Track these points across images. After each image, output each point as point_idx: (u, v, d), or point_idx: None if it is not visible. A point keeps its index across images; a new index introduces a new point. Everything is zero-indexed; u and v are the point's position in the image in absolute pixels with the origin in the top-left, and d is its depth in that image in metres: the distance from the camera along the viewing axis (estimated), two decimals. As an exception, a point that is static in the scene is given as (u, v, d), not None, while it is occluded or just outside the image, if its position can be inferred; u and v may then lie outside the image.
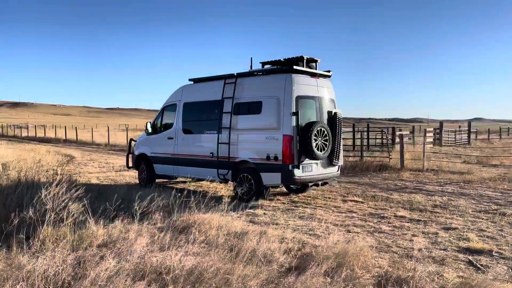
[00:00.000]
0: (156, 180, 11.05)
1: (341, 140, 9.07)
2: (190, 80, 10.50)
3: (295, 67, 8.45)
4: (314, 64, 9.12)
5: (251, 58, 9.62)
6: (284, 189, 10.01)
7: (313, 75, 8.86)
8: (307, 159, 8.32)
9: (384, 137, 21.09)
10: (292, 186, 9.40)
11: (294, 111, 8.16)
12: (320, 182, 8.89)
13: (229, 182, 9.49)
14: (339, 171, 9.45)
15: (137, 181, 11.59)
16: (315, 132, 8.18)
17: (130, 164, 11.80)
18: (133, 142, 12.07)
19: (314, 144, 8.15)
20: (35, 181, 9.24)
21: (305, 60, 8.76)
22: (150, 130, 11.05)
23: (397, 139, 18.12)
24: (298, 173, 8.21)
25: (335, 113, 8.98)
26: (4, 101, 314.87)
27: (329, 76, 9.34)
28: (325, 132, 8.47)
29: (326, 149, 8.50)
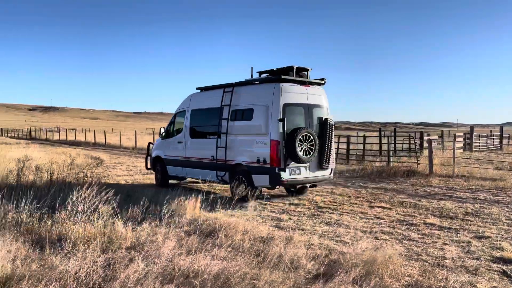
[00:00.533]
0: (170, 181, 11.85)
1: (332, 145, 9.54)
2: (197, 88, 11.35)
3: (283, 76, 8.99)
4: (305, 72, 9.55)
5: (251, 67, 10.05)
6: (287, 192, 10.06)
7: (303, 83, 9.34)
8: (293, 162, 8.77)
9: (412, 142, 20.65)
10: (291, 188, 9.95)
11: (281, 117, 8.66)
12: (309, 185, 9.62)
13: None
14: (332, 174, 9.80)
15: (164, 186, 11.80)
16: (300, 137, 8.65)
17: (149, 166, 12.59)
18: (151, 145, 12.91)
19: (298, 149, 8.63)
20: (67, 183, 9.54)
21: (295, 70, 9.26)
22: (164, 134, 12.05)
23: (425, 144, 17.70)
24: (285, 175, 8.71)
25: (326, 119, 9.37)
26: (37, 106, 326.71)
27: (322, 84, 9.76)
28: (311, 137, 8.87)
29: (312, 153, 8.89)
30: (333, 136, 9.51)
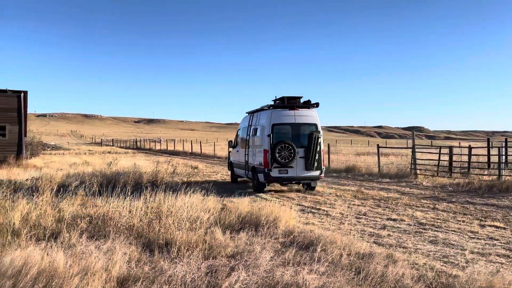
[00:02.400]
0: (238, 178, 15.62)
1: (317, 153, 12.12)
2: (246, 112, 15.27)
3: (274, 105, 12.71)
4: (297, 100, 12.58)
5: (275, 96, 13.16)
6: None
7: (292, 108, 12.40)
8: (276, 164, 11.94)
9: (527, 154, 18.34)
10: (304, 185, 12.91)
11: (269, 133, 12.05)
12: (301, 182, 12.60)
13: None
14: (322, 174, 12.49)
15: (261, 197, 12.17)
16: (279, 147, 11.87)
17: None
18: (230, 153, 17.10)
19: (277, 156, 11.88)
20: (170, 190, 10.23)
21: (286, 99, 12.51)
22: (231, 145, 16.39)
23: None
24: (273, 174, 12.04)
25: (312, 133, 12.15)
26: (142, 118, 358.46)
27: (314, 106, 12.62)
28: (290, 147, 11.91)
29: (291, 158, 11.93)
30: (319, 147, 12.16)
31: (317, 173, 12.23)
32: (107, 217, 6.72)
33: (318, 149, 12.10)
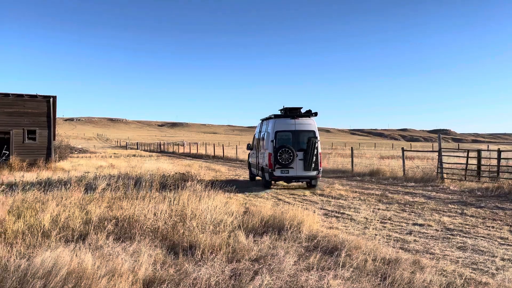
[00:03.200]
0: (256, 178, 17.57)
1: (314, 156, 13.85)
2: (260, 119, 17.12)
3: (276, 115, 14.53)
4: (297, 110, 14.63)
5: (283, 106, 15.02)
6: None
7: (293, 117, 14.28)
8: (278, 166, 13.84)
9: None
10: (308, 183, 14.56)
11: (272, 139, 13.98)
12: (300, 180, 14.28)
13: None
14: (319, 174, 14.19)
15: (280, 200, 12.12)
16: (280, 151, 13.75)
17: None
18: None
19: (279, 158, 13.76)
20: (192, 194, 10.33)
21: (288, 109, 14.65)
22: (249, 147, 18.17)
23: None
24: (276, 173, 13.94)
25: (310, 138, 13.95)
26: (165, 122, 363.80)
27: (313, 116, 14.42)
28: (289, 150, 13.76)
29: (290, 160, 13.75)
30: (316, 151, 13.88)
31: (314, 173, 14.02)
32: (133, 219, 6.84)
33: (315, 153, 13.88)
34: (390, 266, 5.14)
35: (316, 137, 14.00)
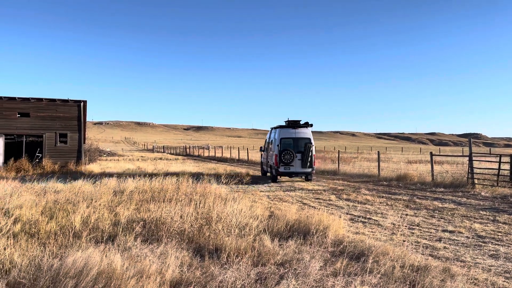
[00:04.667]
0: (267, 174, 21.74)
1: (309, 157, 18.02)
2: (270, 128, 20.97)
3: (281, 126, 18.78)
4: (297, 122, 18.77)
5: (288, 118, 19.51)
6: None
7: (293, 127, 18.57)
8: (282, 164, 17.95)
9: None
10: (306, 178, 18.86)
11: (278, 144, 18.19)
12: (299, 175, 18.42)
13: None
14: (313, 170, 18.43)
15: (305, 204, 12.05)
16: (284, 152, 17.87)
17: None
18: None
19: (282, 158, 17.87)
20: (217, 197, 10.40)
21: (290, 121, 18.86)
22: (262, 149, 22.37)
23: None
24: (281, 169, 18.00)
25: (306, 143, 18.16)
26: (191, 125, 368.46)
27: (310, 126, 18.62)
28: (290, 152, 17.87)
29: (291, 159, 17.89)
30: (311, 153, 18.02)
31: (309, 170, 18.27)
32: (160, 221, 6.95)
33: (310, 154, 18.12)
34: (419, 274, 5.03)
35: (311, 143, 18.23)
